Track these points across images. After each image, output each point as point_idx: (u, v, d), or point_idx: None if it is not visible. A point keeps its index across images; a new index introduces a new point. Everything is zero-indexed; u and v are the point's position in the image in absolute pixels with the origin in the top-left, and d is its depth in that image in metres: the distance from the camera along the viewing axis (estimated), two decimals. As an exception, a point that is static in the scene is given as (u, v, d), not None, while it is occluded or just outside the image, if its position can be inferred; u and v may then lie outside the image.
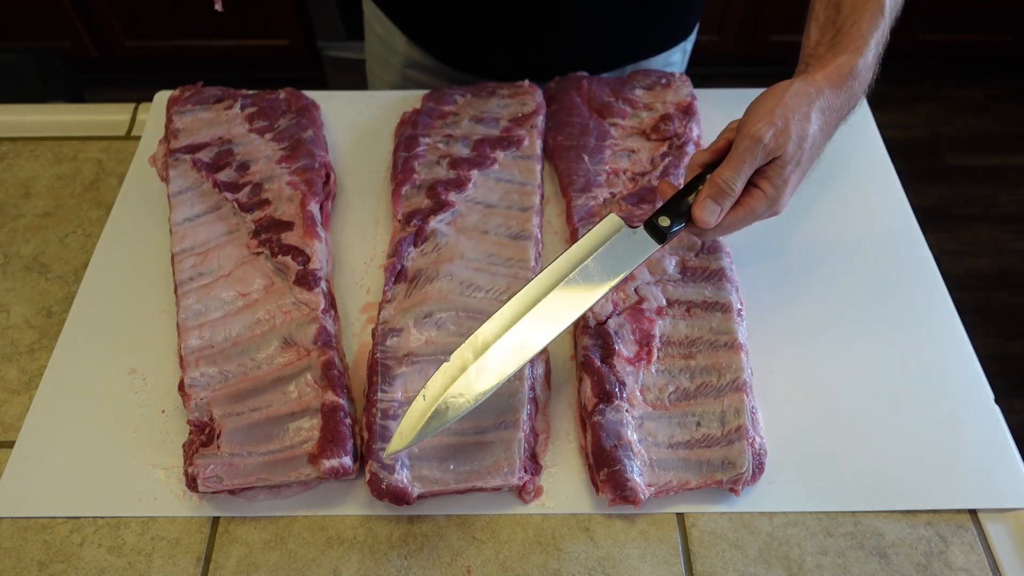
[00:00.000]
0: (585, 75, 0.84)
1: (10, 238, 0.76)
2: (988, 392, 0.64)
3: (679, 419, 0.60)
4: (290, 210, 0.71)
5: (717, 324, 0.64)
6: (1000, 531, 0.57)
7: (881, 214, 0.76)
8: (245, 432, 0.59)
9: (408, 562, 0.56)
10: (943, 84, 2.41)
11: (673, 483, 0.57)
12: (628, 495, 0.55)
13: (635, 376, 0.62)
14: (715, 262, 0.68)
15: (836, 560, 0.56)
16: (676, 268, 0.68)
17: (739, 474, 0.57)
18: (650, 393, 0.61)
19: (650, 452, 0.58)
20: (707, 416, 0.60)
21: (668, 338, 0.64)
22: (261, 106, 0.81)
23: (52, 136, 0.85)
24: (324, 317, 0.63)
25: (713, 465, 0.57)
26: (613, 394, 0.60)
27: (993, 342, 1.80)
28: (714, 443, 0.58)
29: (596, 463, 0.57)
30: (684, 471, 0.58)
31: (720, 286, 0.66)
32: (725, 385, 0.61)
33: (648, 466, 0.58)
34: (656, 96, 0.82)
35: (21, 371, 0.66)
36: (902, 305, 0.69)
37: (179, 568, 0.56)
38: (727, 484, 0.57)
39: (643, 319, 0.64)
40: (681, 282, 0.67)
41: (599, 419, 0.58)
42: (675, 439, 0.59)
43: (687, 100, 0.81)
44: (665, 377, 0.62)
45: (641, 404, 0.61)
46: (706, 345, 0.63)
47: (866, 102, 0.87)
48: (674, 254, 0.68)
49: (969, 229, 2.04)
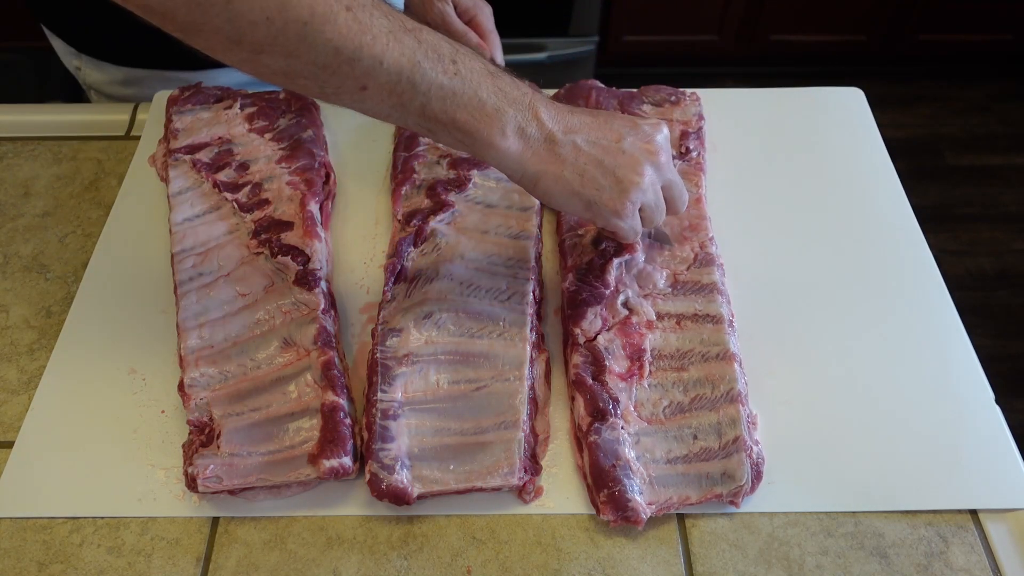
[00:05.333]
0: (596, 84, 0.83)
1: (9, 238, 0.76)
2: (988, 392, 0.64)
3: (675, 433, 0.59)
4: (290, 210, 0.71)
5: (708, 335, 0.63)
6: (1001, 531, 0.57)
7: (881, 214, 0.76)
8: (245, 432, 0.59)
9: (408, 562, 0.56)
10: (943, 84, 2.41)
11: (673, 500, 0.56)
12: (630, 515, 0.55)
13: (628, 392, 0.61)
14: (707, 276, 0.67)
15: (836, 560, 0.56)
16: (667, 282, 0.67)
17: (739, 486, 0.56)
18: (644, 408, 0.61)
19: (648, 469, 0.58)
20: (703, 429, 0.59)
21: (659, 352, 0.63)
22: (261, 106, 0.81)
23: (52, 136, 0.85)
24: (324, 317, 0.63)
25: (712, 479, 0.57)
26: (607, 412, 0.59)
27: (993, 342, 1.80)
28: (712, 456, 0.58)
29: (595, 483, 0.56)
30: (684, 487, 0.57)
31: (711, 298, 0.65)
32: (719, 396, 0.60)
33: (648, 483, 0.57)
34: (664, 113, 0.81)
35: (21, 371, 0.66)
36: (902, 305, 0.69)
37: (179, 568, 0.56)
38: (727, 497, 0.56)
39: (633, 334, 0.64)
40: (671, 295, 0.66)
41: (595, 438, 0.58)
42: (673, 454, 0.58)
43: (694, 119, 0.80)
44: (659, 391, 0.61)
45: (636, 420, 0.60)
46: (698, 357, 0.63)
47: (866, 101, 0.87)
48: (665, 267, 0.68)
49: (969, 229, 2.04)
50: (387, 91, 0.51)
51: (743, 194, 0.78)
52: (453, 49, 0.53)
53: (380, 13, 0.50)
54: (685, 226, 0.71)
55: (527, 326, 0.63)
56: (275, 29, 0.47)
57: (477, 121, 0.53)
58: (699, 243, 0.69)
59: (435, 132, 0.55)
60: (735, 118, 0.85)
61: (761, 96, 0.88)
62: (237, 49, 0.48)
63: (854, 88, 0.88)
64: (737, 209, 0.76)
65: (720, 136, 0.82)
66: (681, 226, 0.71)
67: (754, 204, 0.77)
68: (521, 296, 0.65)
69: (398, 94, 0.51)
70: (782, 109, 0.86)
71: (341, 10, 0.48)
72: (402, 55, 0.50)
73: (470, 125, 0.53)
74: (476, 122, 0.53)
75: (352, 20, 0.48)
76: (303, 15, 0.47)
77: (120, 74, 0.91)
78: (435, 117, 0.53)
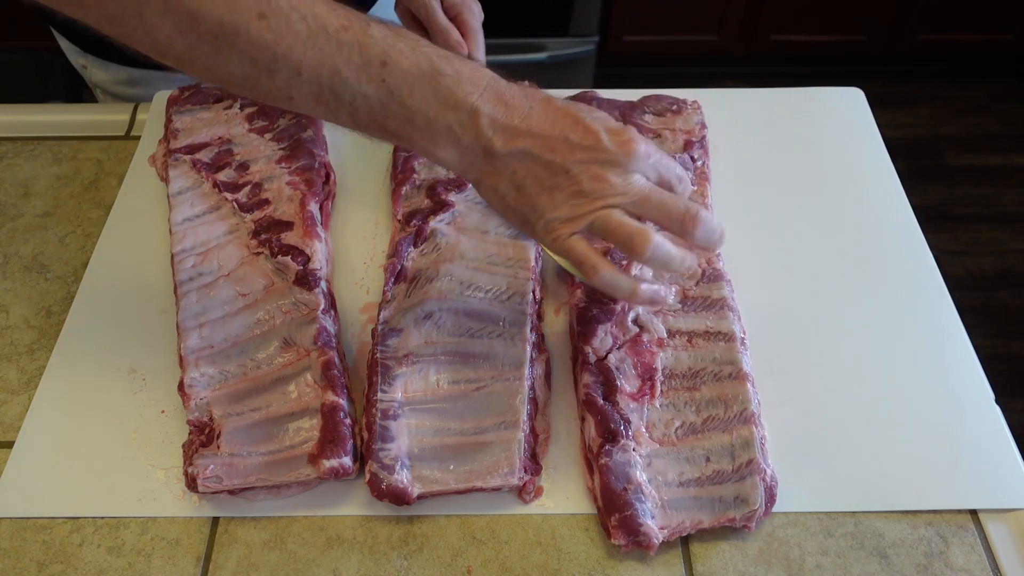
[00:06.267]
0: (596, 94, 0.82)
1: (9, 238, 0.76)
2: (988, 392, 0.64)
3: (687, 455, 0.58)
4: (290, 210, 0.71)
5: (720, 354, 0.63)
6: (1001, 531, 0.57)
7: (881, 214, 0.76)
8: (245, 432, 0.59)
9: (408, 562, 0.56)
10: (944, 84, 2.41)
11: (686, 524, 0.55)
12: (641, 540, 0.54)
13: (639, 412, 0.60)
14: (716, 291, 0.66)
15: (836, 560, 0.56)
16: (676, 298, 0.66)
17: (752, 511, 0.55)
18: (656, 429, 0.60)
19: (660, 492, 0.57)
20: (716, 451, 0.58)
21: (671, 371, 0.62)
22: (261, 106, 0.81)
23: (52, 136, 0.85)
24: (324, 317, 0.63)
25: (725, 502, 0.56)
26: (619, 433, 0.58)
27: (993, 342, 1.80)
28: (725, 479, 0.57)
29: (606, 507, 0.55)
30: (696, 510, 0.56)
31: (722, 315, 0.65)
32: (732, 417, 0.59)
33: (659, 507, 0.56)
34: (665, 123, 0.80)
35: (21, 371, 0.66)
36: (902, 305, 0.69)
37: (179, 568, 0.56)
38: (740, 522, 0.56)
39: (644, 352, 0.63)
40: (681, 312, 0.65)
41: (606, 461, 0.57)
42: (685, 476, 0.57)
43: (696, 128, 0.80)
44: (671, 411, 0.60)
45: (648, 441, 0.59)
46: (710, 376, 0.62)
47: (866, 101, 0.87)
48: (673, 283, 0.67)
49: (969, 229, 2.04)
50: (312, 100, 0.49)
51: (743, 194, 0.78)
52: (385, 47, 0.48)
53: (299, 16, 0.47)
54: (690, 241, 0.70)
55: (527, 326, 0.63)
56: (189, 43, 0.46)
57: (409, 131, 0.50)
58: (706, 259, 0.68)
59: (374, 138, 0.52)
60: (735, 118, 0.85)
61: (761, 96, 0.88)
62: (167, 60, 0.47)
63: (854, 88, 0.88)
64: (736, 209, 0.76)
65: (720, 136, 0.82)
66: None
67: (753, 204, 0.77)
68: (521, 296, 0.65)
69: (324, 103, 0.49)
70: (782, 109, 0.86)
71: (252, 19, 0.45)
72: (321, 64, 0.47)
73: (403, 133, 0.50)
74: (408, 131, 0.50)
75: (264, 29, 0.46)
76: (213, 28, 0.45)
77: (124, 74, 0.91)
78: (367, 125, 0.51)
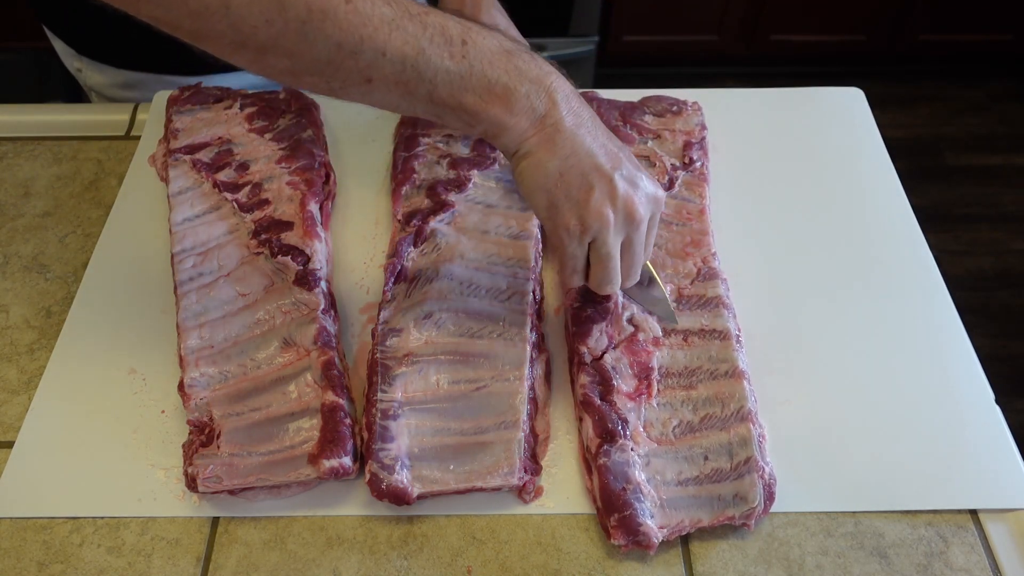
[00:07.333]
0: (596, 95, 0.82)
1: (9, 238, 0.76)
2: (988, 392, 0.64)
3: (686, 454, 0.58)
4: (290, 210, 0.71)
5: (716, 352, 0.63)
6: (1001, 531, 0.57)
7: (881, 214, 0.76)
8: (245, 432, 0.59)
9: (408, 562, 0.56)
10: (944, 84, 2.41)
11: (685, 523, 0.56)
12: (641, 540, 0.54)
13: (637, 412, 0.60)
14: (711, 289, 0.66)
15: (836, 560, 0.56)
16: (671, 297, 0.66)
17: (751, 508, 0.55)
18: (654, 429, 0.60)
19: (659, 491, 0.57)
20: (714, 449, 0.58)
21: (667, 369, 0.63)
22: (261, 106, 0.81)
23: (51, 136, 0.85)
24: (324, 317, 0.63)
25: (724, 501, 0.56)
26: (616, 433, 0.58)
27: (993, 342, 1.80)
28: (724, 477, 0.57)
29: (605, 508, 0.56)
30: (695, 509, 0.56)
31: (717, 313, 0.65)
32: (730, 415, 0.59)
33: (658, 506, 0.56)
34: (665, 124, 0.81)
35: (21, 371, 0.66)
36: (902, 305, 0.69)
37: (179, 568, 0.56)
38: (739, 520, 0.56)
39: (640, 351, 0.63)
40: (677, 310, 0.66)
41: (605, 461, 0.57)
42: (684, 475, 0.58)
43: (696, 129, 0.80)
44: (668, 411, 0.61)
45: (646, 441, 0.59)
46: (707, 375, 0.62)
47: (866, 101, 0.87)
48: (668, 283, 0.67)
49: (969, 229, 2.04)
50: (392, 81, 0.51)
51: (742, 194, 0.78)
52: (463, 29, 0.51)
53: (383, 1, 0.49)
54: (687, 241, 0.70)
55: (527, 326, 0.63)
56: (275, 30, 0.47)
57: (485, 102, 0.52)
58: (701, 258, 0.68)
59: (443, 117, 0.54)
60: (735, 118, 0.85)
61: (761, 96, 0.88)
62: (243, 51, 0.48)
63: (854, 88, 0.88)
64: (736, 209, 0.76)
65: (720, 136, 0.82)
66: (683, 241, 0.70)
67: (753, 204, 0.77)
68: (521, 296, 0.65)
69: (403, 83, 0.51)
70: (782, 109, 0.86)
71: (340, 3, 0.47)
72: (405, 43, 0.49)
73: (478, 107, 0.52)
74: (484, 103, 0.52)
75: (352, 12, 0.48)
76: (301, 13, 0.47)
77: (120, 77, 0.91)
78: (443, 102, 0.52)
